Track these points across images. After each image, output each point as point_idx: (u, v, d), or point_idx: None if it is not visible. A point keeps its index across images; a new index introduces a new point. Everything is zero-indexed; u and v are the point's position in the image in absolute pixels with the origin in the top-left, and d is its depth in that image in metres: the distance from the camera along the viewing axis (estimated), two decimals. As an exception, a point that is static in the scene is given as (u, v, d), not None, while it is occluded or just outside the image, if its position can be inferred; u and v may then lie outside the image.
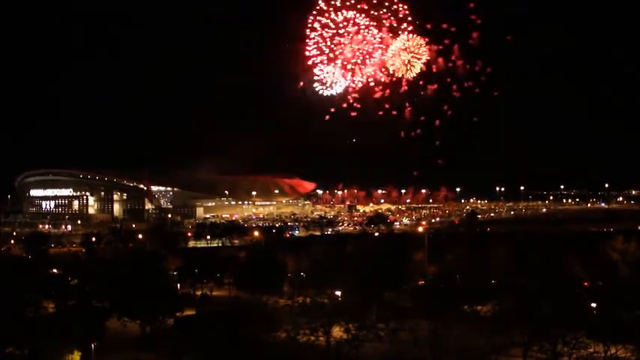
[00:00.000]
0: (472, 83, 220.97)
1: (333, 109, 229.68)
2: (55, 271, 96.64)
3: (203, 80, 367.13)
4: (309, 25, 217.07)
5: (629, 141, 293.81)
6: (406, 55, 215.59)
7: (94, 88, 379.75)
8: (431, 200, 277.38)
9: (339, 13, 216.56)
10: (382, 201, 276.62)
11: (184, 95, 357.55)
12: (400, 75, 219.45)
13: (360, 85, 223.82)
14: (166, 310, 70.15)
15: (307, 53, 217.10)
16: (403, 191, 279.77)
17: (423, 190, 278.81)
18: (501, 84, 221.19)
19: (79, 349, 59.70)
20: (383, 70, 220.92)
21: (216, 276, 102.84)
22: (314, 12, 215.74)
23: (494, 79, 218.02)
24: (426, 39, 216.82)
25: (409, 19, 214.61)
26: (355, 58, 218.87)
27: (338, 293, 73.48)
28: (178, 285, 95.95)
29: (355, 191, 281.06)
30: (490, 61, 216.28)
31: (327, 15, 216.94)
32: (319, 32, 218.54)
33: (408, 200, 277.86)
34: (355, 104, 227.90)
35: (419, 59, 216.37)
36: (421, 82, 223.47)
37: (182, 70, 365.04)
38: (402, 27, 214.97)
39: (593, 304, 66.06)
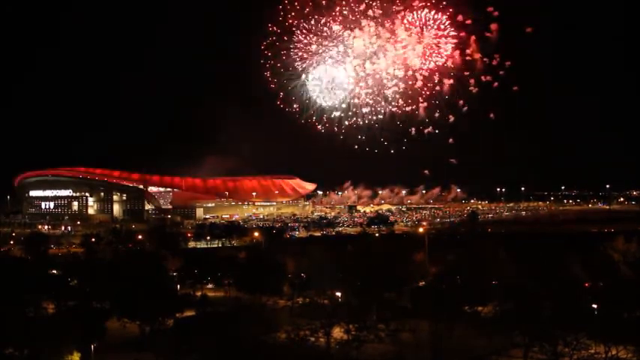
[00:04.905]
0: (490, 78, 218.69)
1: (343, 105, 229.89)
2: (54, 271, 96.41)
3: (203, 80, 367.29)
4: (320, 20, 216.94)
5: (631, 141, 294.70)
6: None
7: (93, 87, 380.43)
8: (431, 201, 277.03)
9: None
10: (382, 201, 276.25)
11: (184, 95, 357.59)
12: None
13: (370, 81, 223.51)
14: (166, 310, 69.94)
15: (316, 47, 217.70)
16: (404, 192, 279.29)
17: (424, 191, 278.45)
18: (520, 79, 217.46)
19: (79, 349, 59.56)
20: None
21: (216, 276, 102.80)
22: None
23: (513, 74, 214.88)
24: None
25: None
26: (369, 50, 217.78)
27: (338, 294, 73.40)
28: (178, 286, 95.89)
29: (355, 192, 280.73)
30: (509, 55, 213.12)
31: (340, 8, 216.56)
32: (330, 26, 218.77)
33: (409, 201, 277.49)
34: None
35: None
36: (437, 78, 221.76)
37: (182, 69, 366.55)
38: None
39: (594, 305, 65.94)
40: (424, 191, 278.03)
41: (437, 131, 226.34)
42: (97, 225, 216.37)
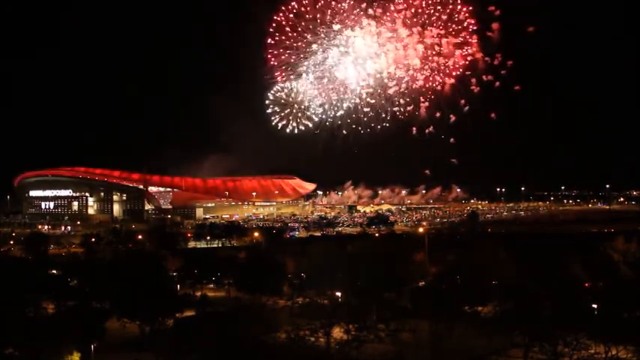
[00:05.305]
0: (492, 77, 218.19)
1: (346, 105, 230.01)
2: (54, 271, 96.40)
3: (202, 79, 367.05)
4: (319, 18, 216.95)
5: (631, 141, 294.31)
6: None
7: (93, 87, 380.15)
8: (432, 201, 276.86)
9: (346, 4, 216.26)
10: (383, 201, 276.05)
11: (184, 95, 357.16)
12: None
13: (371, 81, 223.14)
14: (166, 310, 69.96)
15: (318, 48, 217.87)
16: (404, 192, 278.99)
17: (424, 191, 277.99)
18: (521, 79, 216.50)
19: (79, 349, 59.59)
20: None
21: (216, 276, 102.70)
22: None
23: (515, 73, 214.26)
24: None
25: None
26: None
27: (338, 294, 73.38)
28: (178, 286, 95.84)
29: (356, 192, 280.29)
30: (511, 54, 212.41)
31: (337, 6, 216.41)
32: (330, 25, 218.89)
33: (409, 201, 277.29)
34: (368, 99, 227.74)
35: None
36: (439, 77, 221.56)
37: (182, 69, 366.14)
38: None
39: (594, 305, 65.95)
40: (424, 191, 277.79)
41: (442, 135, 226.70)
42: (97, 225, 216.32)
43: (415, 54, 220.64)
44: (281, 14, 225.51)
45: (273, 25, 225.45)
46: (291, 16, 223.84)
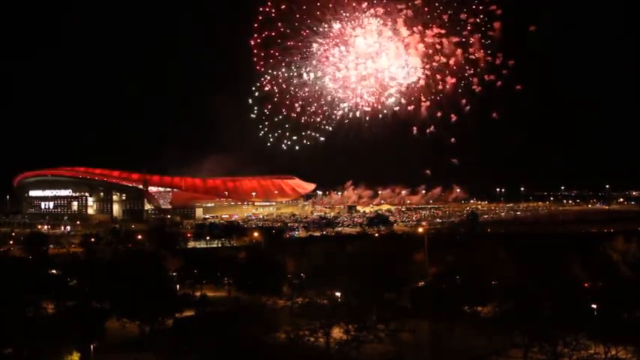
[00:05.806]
0: (493, 77, 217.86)
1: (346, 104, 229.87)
2: (54, 271, 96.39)
3: (202, 80, 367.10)
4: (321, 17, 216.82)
5: (631, 141, 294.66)
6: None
7: (93, 87, 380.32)
8: (431, 201, 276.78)
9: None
10: (382, 202, 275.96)
11: (184, 95, 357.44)
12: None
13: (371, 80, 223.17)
14: (165, 310, 69.91)
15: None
16: (404, 192, 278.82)
17: (424, 191, 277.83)
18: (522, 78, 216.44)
19: (79, 349, 59.56)
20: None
21: (216, 277, 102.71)
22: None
23: (516, 73, 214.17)
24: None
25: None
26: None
27: (338, 294, 73.35)
28: (178, 286, 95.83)
29: (356, 192, 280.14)
30: (511, 54, 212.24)
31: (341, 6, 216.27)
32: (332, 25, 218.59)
33: (409, 201, 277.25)
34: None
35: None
36: (439, 77, 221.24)
37: (181, 69, 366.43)
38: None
39: (594, 305, 65.93)
40: (424, 191, 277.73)
41: (442, 135, 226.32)
42: (96, 225, 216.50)
43: (416, 53, 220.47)
44: (275, 11, 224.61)
45: (274, 24, 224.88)
46: (283, 7, 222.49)
